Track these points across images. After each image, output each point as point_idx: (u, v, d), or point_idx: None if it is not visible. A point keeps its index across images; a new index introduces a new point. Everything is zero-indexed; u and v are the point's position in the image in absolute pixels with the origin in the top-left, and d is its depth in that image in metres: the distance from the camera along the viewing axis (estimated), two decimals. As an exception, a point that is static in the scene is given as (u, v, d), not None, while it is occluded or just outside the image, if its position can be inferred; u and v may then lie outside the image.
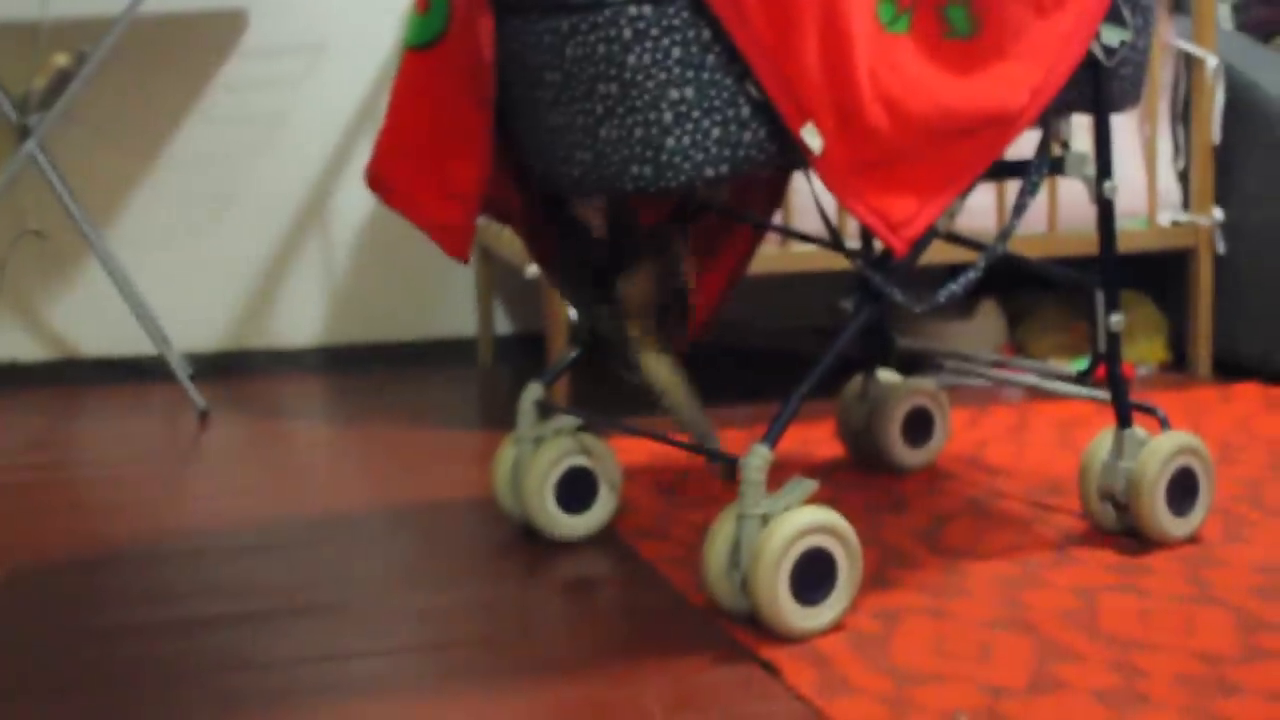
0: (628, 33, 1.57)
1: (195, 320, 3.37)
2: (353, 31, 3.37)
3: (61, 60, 2.81)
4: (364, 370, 3.44)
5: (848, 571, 1.68)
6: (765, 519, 1.65)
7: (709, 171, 1.60)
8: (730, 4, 1.55)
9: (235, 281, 3.39)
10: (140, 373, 3.31)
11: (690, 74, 1.57)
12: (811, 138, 1.59)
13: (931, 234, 1.72)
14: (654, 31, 1.56)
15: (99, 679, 1.60)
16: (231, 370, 3.39)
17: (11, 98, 2.88)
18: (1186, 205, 3.11)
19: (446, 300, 3.52)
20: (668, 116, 1.58)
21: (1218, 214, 3.06)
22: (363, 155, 3.39)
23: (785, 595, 1.63)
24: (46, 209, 3.07)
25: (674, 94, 1.57)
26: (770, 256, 2.74)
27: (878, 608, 1.75)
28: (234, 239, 3.38)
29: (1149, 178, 3.03)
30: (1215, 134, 3.04)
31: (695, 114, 1.58)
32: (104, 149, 3.28)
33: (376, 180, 1.87)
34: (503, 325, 3.55)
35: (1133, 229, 3.02)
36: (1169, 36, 3.08)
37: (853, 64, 1.59)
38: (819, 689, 1.52)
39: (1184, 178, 3.12)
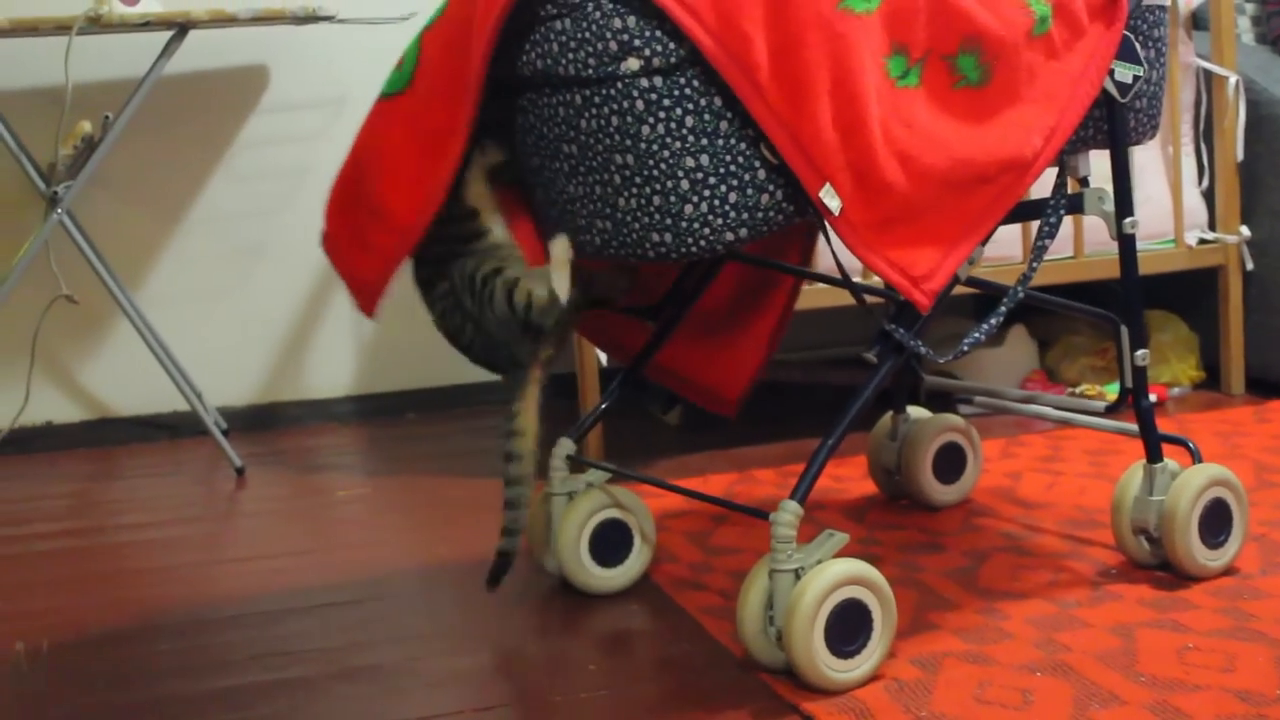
0: (640, 104, 1.58)
1: (227, 375, 3.40)
2: (372, 84, 3.39)
3: (86, 127, 2.84)
4: (396, 418, 3.46)
5: (882, 622, 1.69)
6: (798, 574, 1.66)
7: (729, 236, 1.62)
8: (741, 72, 1.56)
9: (265, 335, 3.42)
10: (175, 430, 3.34)
11: (704, 142, 1.59)
12: (830, 199, 1.60)
13: (953, 283, 1.72)
14: (666, 102, 1.58)
15: (146, 758, 1.62)
16: (265, 423, 3.41)
17: (38, 167, 2.92)
18: (1213, 224, 3.10)
19: (477, 344, 3.53)
20: (684, 184, 1.59)
21: (1245, 231, 3.05)
22: (388, 204, 3.40)
23: (821, 649, 1.64)
24: (76, 273, 3.10)
25: (689, 162, 1.59)
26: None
27: (917, 654, 1.75)
28: (262, 293, 3.41)
29: (1174, 198, 3.03)
30: (1238, 151, 3.04)
31: (712, 180, 1.59)
32: (131, 210, 3.31)
33: (324, 232, 1.92)
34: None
35: (1160, 249, 3.01)
36: (1189, 56, 3.08)
37: (866, 124, 1.59)
38: (858, 745, 1.53)
39: (1209, 196, 3.11)
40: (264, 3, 3.03)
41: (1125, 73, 1.86)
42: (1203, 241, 3.08)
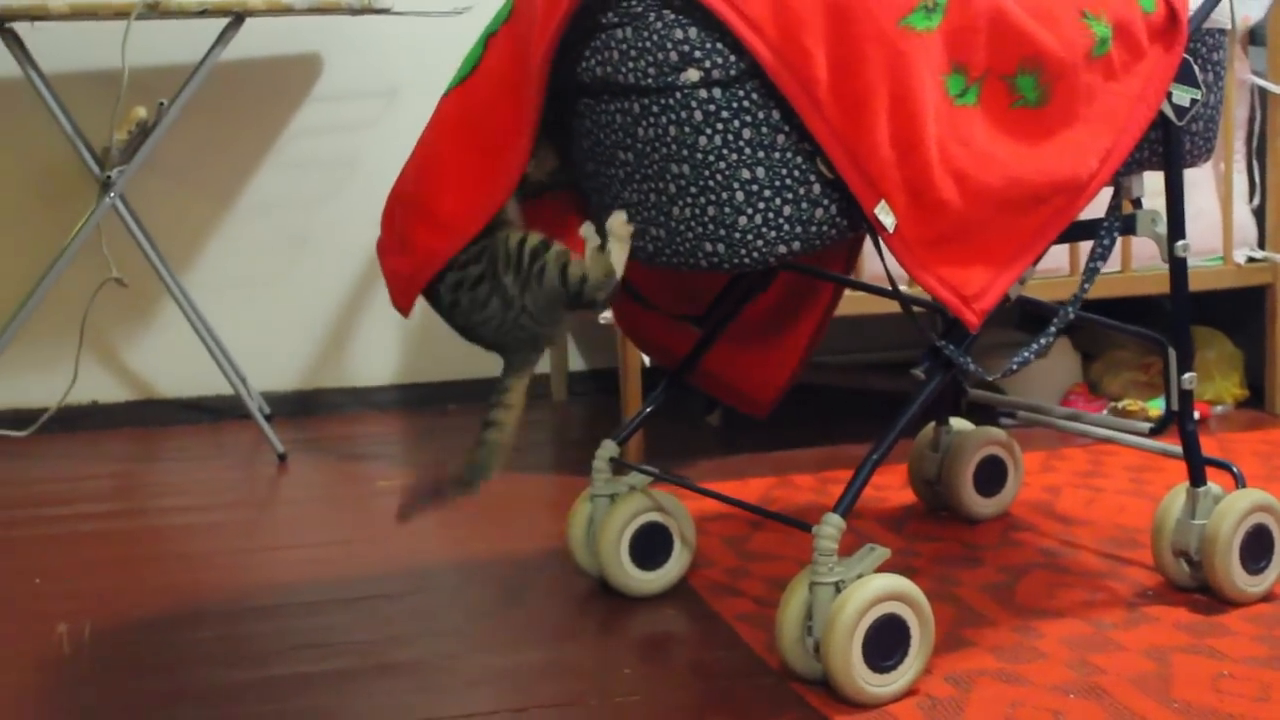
0: (698, 115, 1.59)
1: (272, 361, 3.42)
2: (424, 75, 3.40)
3: (141, 113, 2.86)
4: (438, 408, 3.47)
5: (920, 638, 1.69)
6: (838, 587, 1.67)
7: (781, 249, 1.62)
8: (801, 87, 1.57)
9: (311, 322, 3.44)
10: (219, 413, 3.36)
11: (761, 154, 1.59)
12: (885, 215, 1.60)
13: (1004, 302, 1.72)
14: (724, 114, 1.58)
15: (186, 745, 1.64)
16: (308, 409, 3.44)
17: (93, 151, 2.94)
18: (1262, 242, 3.09)
19: (519, 337, 3.54)
20: (740, 196, 1.60)
21: (1294, 250, 3.04)
22: (436, 196, 3.42)
23: (858, 663, 1.65)
24: (127, 256, 3.13)
25: (745, 174, 1.59)
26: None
27: (951, 670, 1.75)
28: (309, 281, 3.43)
29: (1224, 215, 3.02)
30: (1291, 170, 3.03)
31: (767, 193, 1.60)
32: (182, 196, 3.33)
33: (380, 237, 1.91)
34: (575, 360, 3.58)
35: (1208, 267, 3.00)
36: (1244, 72, 3.07)
37: (923, 142, 1.60)
38: (893, 761, 1.53)
39: (1259, 214, 3.10)
40: (320, -7, 3.05)
41: (1183, 96, 1.86)
42: (1251, 260, 3.06)
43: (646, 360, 2.78)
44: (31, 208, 3.27)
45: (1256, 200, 3.11)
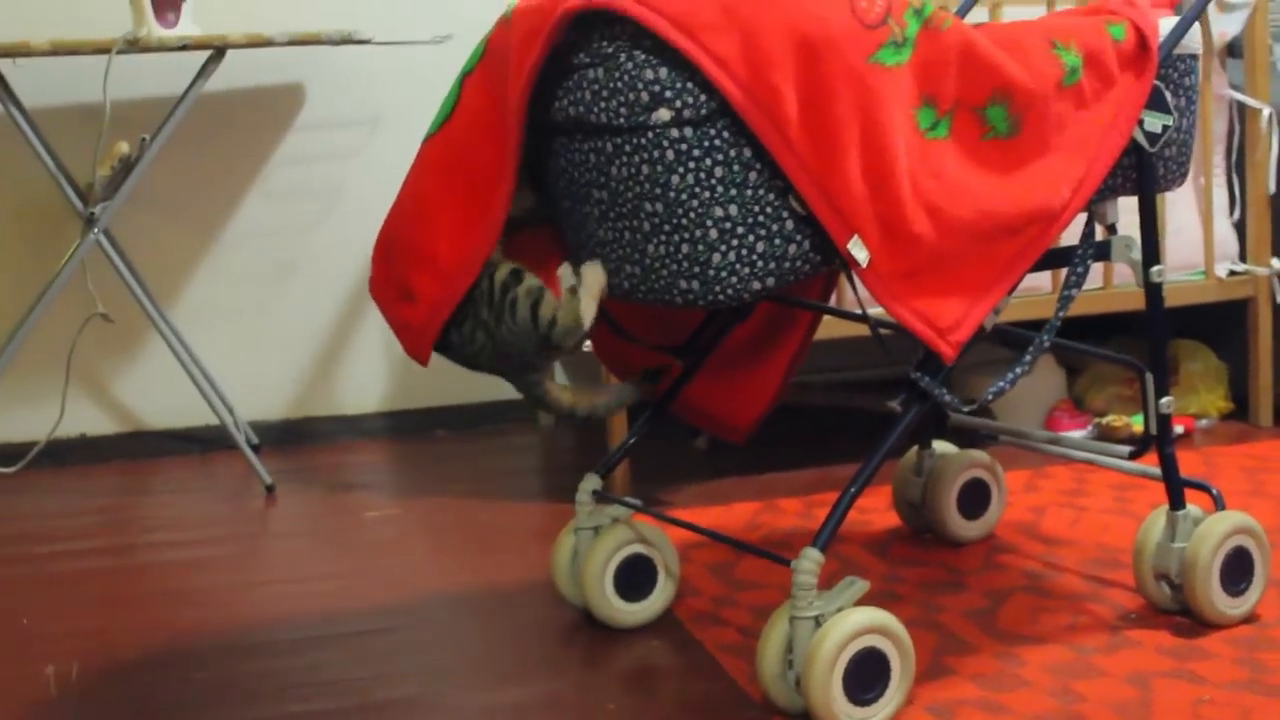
0: (670, 154, 1.60)
1: (260, 390, 3.42)
2: (408, 102, 3.42)
3: (124, 148, 2.86)
4: (426, 435, 3.48)
5: (901, 670, 1.70)
6: (818, 621, 1.68)
7: (755, 285, 1.63)
8: (771, 125, 1.58)
9: (298, 351, 3.45)
10: (208, 444, 3.36)
11: (733, 192, 1.60)
12: (858, 250, 1.61)
13: (979, 333, 1.73)
14: (696, 152, 1.59)
15: (172, 789, 1.64)
16: (297, 438, 3.44)
17: (76, 186, 2.95)
18: (1244, 255, 3.10)
19: (507, 362, 3.54)
20: (713, 234, 1.61)
21: (1276, 264, 3.05)
22: (421, 223, 3.42)
23: (839, 696, 1.66)
24: (112, 289, 3.13)
25: (718, 212, 1.60)
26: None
27: (933, 700, 1.76)
28: (295, 309, 3.43)
29: (1205, 229, 3.03)
30: (1271, 183, 3.04)
31: (740, 230, 1.61)
32: (166, 227, 3.34)
33: (372, 277, 1.92)
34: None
35: (1190, 281, 3.01)
36: (1222, 87, 3.08)
37: (895, 177, 1.61)
38: (875, 794, 1.54)
39: (1240, 228, 3.11)
40: (300, 26, 3.06)
41: (1154, 122, 1.87)
42: (1233, 273, 3.07)
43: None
44: (15, 245, 3.28)
45: (1237, 214, 3.12)
